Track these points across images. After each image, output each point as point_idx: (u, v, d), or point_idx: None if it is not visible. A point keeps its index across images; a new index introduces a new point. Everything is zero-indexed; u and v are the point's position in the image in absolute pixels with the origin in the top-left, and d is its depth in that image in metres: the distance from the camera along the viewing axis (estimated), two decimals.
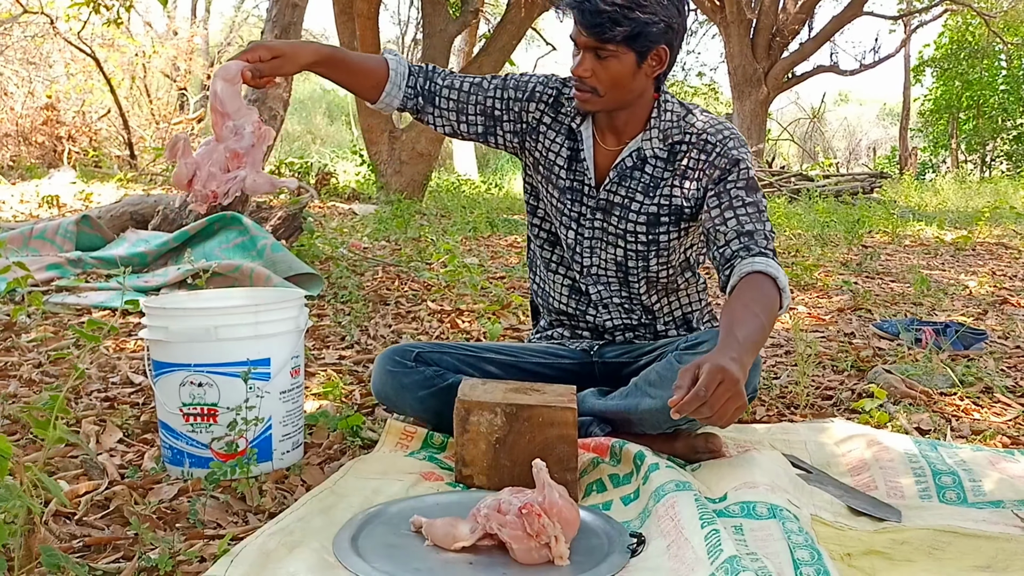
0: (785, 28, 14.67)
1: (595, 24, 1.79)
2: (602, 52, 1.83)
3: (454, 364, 2.08)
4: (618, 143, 2.02)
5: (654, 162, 1.99)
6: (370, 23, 8.64)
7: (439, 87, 2.05)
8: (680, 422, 1.87)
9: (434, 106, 2.05)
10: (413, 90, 2.04)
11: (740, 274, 1.81)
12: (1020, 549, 1.52)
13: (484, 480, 1.79)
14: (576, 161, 2.05)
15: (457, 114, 2.06)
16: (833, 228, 7.19)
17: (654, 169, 2.00)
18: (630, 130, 2.00)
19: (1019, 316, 3.89)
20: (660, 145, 1.98)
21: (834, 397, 2.60)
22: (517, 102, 2.06)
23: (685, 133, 1.98)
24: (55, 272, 3.85)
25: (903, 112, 23.10)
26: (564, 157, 2.06)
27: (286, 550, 1.43)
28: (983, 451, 2.01)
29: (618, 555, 1.46)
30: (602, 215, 2.04)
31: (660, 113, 1.98)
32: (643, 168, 2.00)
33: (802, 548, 1.42)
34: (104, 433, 2.09)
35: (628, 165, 2.00)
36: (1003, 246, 6.97)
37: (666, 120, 1.98)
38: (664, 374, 1.88)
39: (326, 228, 6.00)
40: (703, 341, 1.89)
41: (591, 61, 1.85)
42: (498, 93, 2.06)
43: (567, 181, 2.06)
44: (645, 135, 1.99)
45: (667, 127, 1.98)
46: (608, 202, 2.03)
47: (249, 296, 2.29)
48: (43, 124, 11.21)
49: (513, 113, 2.07)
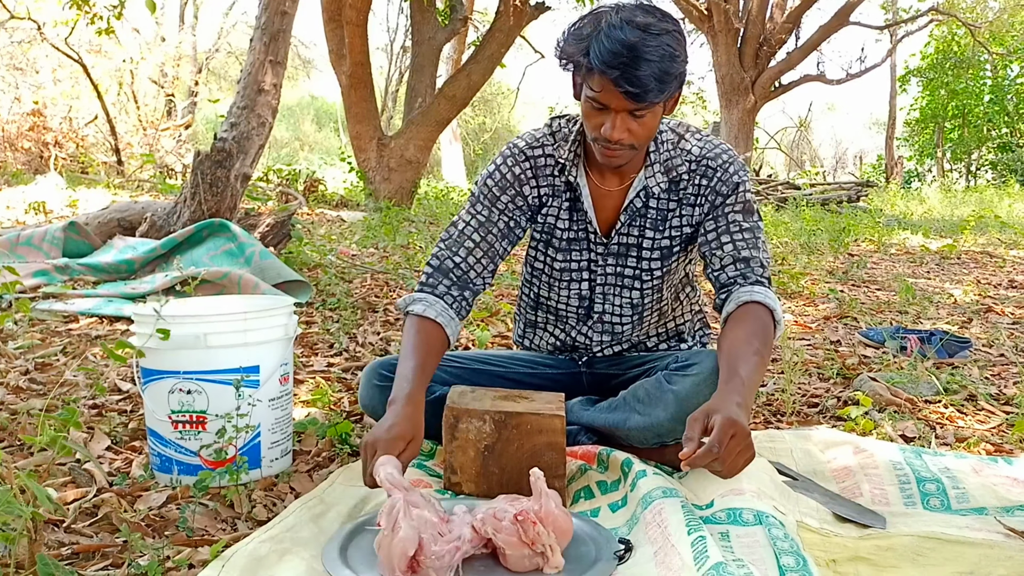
0: (772, 37, 14.77)
1: (643, 93, 1.69)
2: (639, 112, 1.75)
3: (441, 376, 2.07)
4: (620, 183, 1.98)
5: (659, 195, 1.97)
6: (359, 31, 8.66)
7: (474, 279, 1.97)
8: (666, 439, 1.88)
9: (484, 285, 2.00)
10: (466, 306, 1.97)
11: (737, 302, 1.82)
12: (1003, 555, 1.54)
13: (473, 487, 1.80)
14: (576, 211, 2.01)
15: (492, 260, 1.98)
16: (819, 236, 7.24)
17: (658, 203, 1.97)
18: (631, 168, 1.95)
19: (1003, 324, 3.93)
20: (663, 179, 1.95)
21: (820, 405, 2.62)
22: (512, 200, 1.99)
23: (684, 161, 1.95)
24: (42, 279, 3.84)
25: (889, 121, 23.26)
26: (564, 210, 2.01)
27: (276, 557, 1.43)
28: (967, 458, 2.03)
29: (606, 562, 1.47)
30: (614, 260, 2.02)
31: (657, 146, 1.95)
32: (648, 204, 1.98)
33: (788, 554, 1.43)
34: (92, 440, 2.08)
35: (638, 206, 1.97)
36: (988, 255, 7.03)
37: (664, 151, 1.95)
38: (653, 392, 1.89)
39: (314, 235, 6.00)
40: (693, 363, 1.88)
41: (627, 122, 1.76)
42: (496, 214, 1.98)
43: (570, 233, 2.02)
44: (648, 171, 1.95)
45: (666, 158, 1.95)
46: (622, 245, 2.01)
47: (238, 303, 2.29)
48: (30, 130, 11.17)
49: (517, 210, 2.00)
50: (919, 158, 25.54)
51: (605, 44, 1.68)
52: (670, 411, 1.84)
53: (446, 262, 1.96)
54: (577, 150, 1.98)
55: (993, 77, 23.35)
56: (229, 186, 4.50)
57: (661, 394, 1.86)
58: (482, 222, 1.98)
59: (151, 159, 9.29)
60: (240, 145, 4.55)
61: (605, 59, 1.68)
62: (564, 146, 1.98)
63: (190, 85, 16.62)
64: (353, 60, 8.74)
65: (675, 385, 1.85)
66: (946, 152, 24.42)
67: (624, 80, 1.68)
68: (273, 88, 4.73)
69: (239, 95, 4.71)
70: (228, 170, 4.49)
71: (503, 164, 2.01)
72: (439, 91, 9.33)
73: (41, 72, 11.93)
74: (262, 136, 4.69)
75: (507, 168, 2.00)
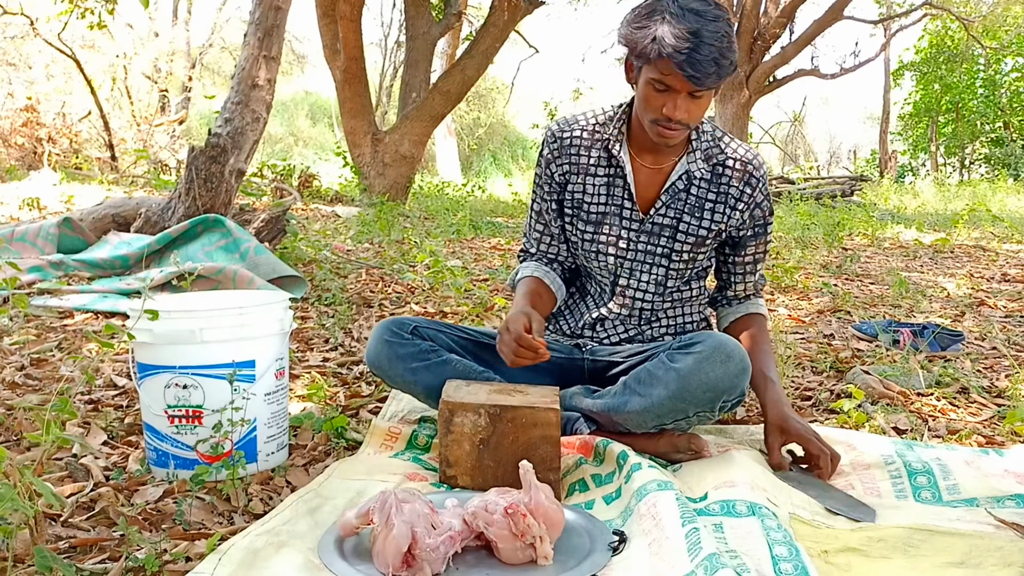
0: (766, 32, 14.76)
1: (707, 75, 1.81)
2: (698, 93, 1.87)
3: (448, 343, 2.13)
4: (656, 162, 2.07)
5: (699, 183, 2.06)
6: (353, 25, 8.64)
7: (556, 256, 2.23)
8: (665, 420, 1.90)
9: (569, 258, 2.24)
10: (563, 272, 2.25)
11: (747, 311, 2.22)
12: (993, 546, 1.55)
13: (468, 480, 1.81)
14: (614, 186, 2.09)
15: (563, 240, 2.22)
16: (813, 231, 7.25)
17: (699, 190, 2.06)
18: (674, 152, 2.05)
19: (996, 318, 3.95)
20: (705, 166, 2.05)
21: (813, 398, 2.63)
22: (549, 182, 2.17)
23: (725, 156, 2.06)
24: (37, 275, 3.84)
25: (883, 116, 23.30)
26: (600, 185, 2.11)
27: (273, 550, 1.44)
28: (958, 450, 2.05)
29: (600, 553, 1.48)
30: (647, 237, 2.10)
31: (698, 134, 2.05)
32: (689, 189, 2.06)
33: (780, 545, 1.45)
34: (88, 435, 2.09)
35: (680, 187, 2.06)
36: (981, 248, 7.05)
37: (705, 141, 2.06)
38: (655, 372, 1.90)
39: (309, 230, 6.00)
40: (696, 342, 1.90)
41: (687, 103, 1.87)
42: (546, 199, 2.18)
43: (604, 207, 2.11)
44: (690, 157, 2.05)
45: (707, 147, 2.06)
46: (658, 224, 2.08)
47: (234, 298, 2.30)
48: (23, 126, 11.13)
49: (556, 191, 2.17)
50: (913, 152, 25.59)
51: (669, 30, 1.79)
52: (671, 389, 1.85)
53: (529, 247, 2.26)
54: (622, 128, 2.08)
55: (986, 71, 23.39)
56: (224, 181, 4.50)
57: (663, 373, 1.88)
58: (539, 211, 2.22)
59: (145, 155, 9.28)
60: (235, 140, 4.55)
61: (672, 44, 1.78)
62: (610, 124, 2.10)
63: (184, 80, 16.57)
64: (347, 55, 8.73)
65: (677, 363, 1.86)
66: (940, 146, 24.46)
67: (688, 64, 1.79)
68: (267, 83, 4.73)
69: (233, 90, 4.71)
70: (223, 165, 4.49)
71: (542, 148, 2.19)
72: (433, 86, 9.33)
73: (34, 68, 11.89)
74: (256, 131, 4.69)
75: (542, 153, 2.18)
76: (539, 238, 2.23)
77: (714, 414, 1.90)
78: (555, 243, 2.22)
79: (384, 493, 1.47)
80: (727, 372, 1.83)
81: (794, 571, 1.38)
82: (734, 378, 1.84)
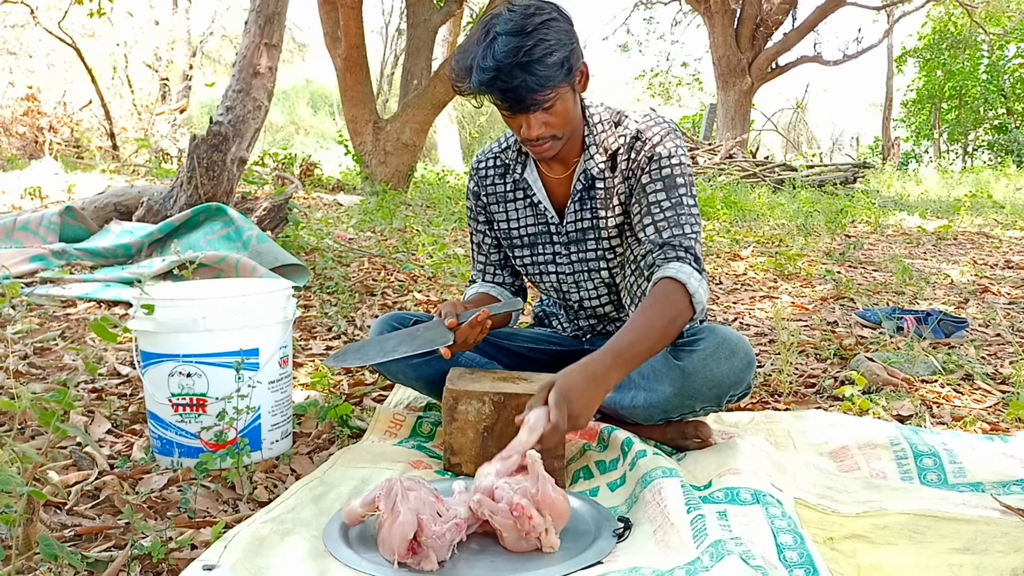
0: (769, 18, 14.72)
1: (523, 104, 1.76)
2: (546, 105, 1.79)
3: None
4: (565, 169, 2.02)
5: (603, 176, 1.98)
6: (354, 13, 8.60)
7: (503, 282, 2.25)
8: (672, 414, 1.89)
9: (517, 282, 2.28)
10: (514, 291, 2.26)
11: (653, 281, 1.81)
12: (999, 532, 1.55)
13: (472, 468, 1.80)
14: (533, 206, 2.08)
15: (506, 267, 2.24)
16: (816, 218, 7.24)
17: (605, 182, 1.99)
18: (571, 153, 1.99)
19: (999, 304, 3.94)
20: (603, 159, 1.97)
21: (817, 385, 2.63)
22: (482, 211, 2.18)
23: (619, 137, 1.97)
24: (39, 264, 3.83)
25: (886, 102, 23.21)
26: (522, 209, 2.10)
27: (278, 537, 1.45)
28: (963, 437, 2.04)
29: (605, 540, 1.48)
30: (574, 247, 2.06)
31: (591, 128, 1.98)
32: (595, 186, 2.00)
33: (785, 532, 1.45)
34: (93, 424, 2.09)
35: (579, 188, 2.00)
36: (984, 235, 7.04)
37: (600, 132, 1.98)
38: (659, 368, 1.89)
39: (311, 219, 5.99)
40: (699, 338, 1.87)
41: (540, 117, 1.81)
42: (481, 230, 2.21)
43: (533, 228, 2.10)
44: (585, 155, 1.98)
45: (602, 139, 1.97)
46: (578, 230, 2.04)
47: (237, 286, 2.29)
48: (24, 115, 11.11)
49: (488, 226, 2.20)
50: (916, 139, 25.53)
51: (478, 66, 1.75)
52: (676, 386, 1.85)
53: (475, 277, 2.27)
54: (520, 148, 2.07)
55: (990, 57, 23.31)
56: (225, 170, 4.49)
57: (668, 370, 1.86)
58: (477, 243, 2.24)
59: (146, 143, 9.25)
60: (236, 129, 4.54)
61: (481, 80, 1.75)
62: (510, 150, 2.09)
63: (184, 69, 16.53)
64: (348, 43, 8.70)
65: (681, 360, 1.85)
66: (943, 133, 24.40)
67: (501, 94, 1.75)
68: (269, 71, 4.71)
69: (235, 78, 4.69)
70: (224, 154, 4.48)
71: (468, 182, 2.21)
72: (435, 74, 9.29)
73: (35, 56, 11.86)
74: (258, 119, 4.68)
75: (470, 186, 2.20)
76: (483, 269, 2.25)
77: (720, 407, 1.89)
78: (499, 271, 2.24)
79: (389, 480, 1.47)
80: (732, 368, 1.82)
81: (799, 559, 1.38)
82: (739, 373, 1.83)
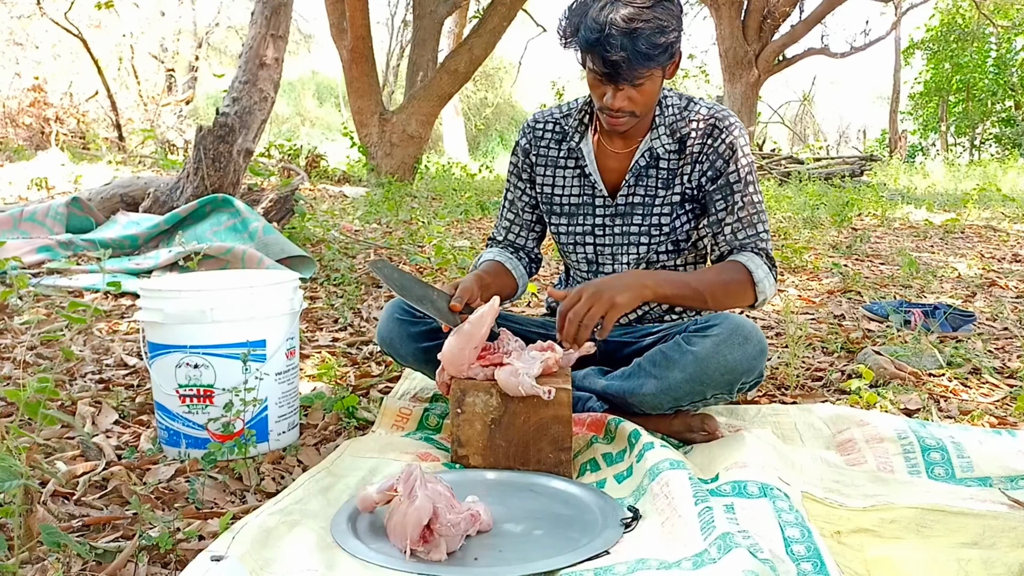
0: (776, 10, 14.64)
1: (616, 73, 1.81)
2: (638, 81, 1.85)
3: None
4: (627, 146, 2.07)
5: (667, 156, 2.05)
6: (360, 4, 8.59)
7: (523, 246, 2.27)
8: (683, 402, 1.89)
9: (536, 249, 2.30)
10: (527, 261, 2.28)
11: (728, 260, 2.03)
12: (1007, 526, 1.54)
13: (480, 460, 1.81)
14: (583, 176, 2.11)
15: (531, 230, 2.26)
16: (823, 211, 7.22)
17: (668, 163, 2.05)
18: (637, 131, 2.04)
19: (1007, 298, 3.93)
20: (669, 140, 2.04)
21: (824, 378, 2.62)
22: (525, 170, 2.20)
23: (690, 121, 2.03)
24: (46, 254, 3.84)
25: (893, 95, 23.12)
26: (570, 177, 2.13)
27: (286, 528, 1.45)
28: (971, 431, 2.04)
29: (613, 530, 1.48)
30: (620, 220, 2.09)
31: (662, 110, 2.04)
32: (657, 165, 2.05)
33: (792, 526, 1.44)
34: (100, 414, 2.09)
35: (642, 165, 2.05)
36: (991, 229, 7.01)
37: (669, 115, 2.04)
38: (670, 355, 1.88)
39: (317, 211, 5.99)
40: (713, 324, 1.88)
41: (627, 91, 1.87)
42: (519, 189, 2.22)
43: (577, 198, 2.13)
44: (653, 134, 2.03)
45: (671, 121, 2.04)
46: (627, 205, 2.08)
47: (244, 278, 2.29)
48: (30, 106, 11.11)
49: (530, 185, 2.21)
50: (923, 132, 25.42)
51: (587, 25, 1.80)
52: (687, 372, 1.85)
53: (497, 235, 2.28)
54: (583, 119, 2.10)
55: (998, 50, 23.20)
56: (232, 161, 4.49)
57: (679, 356, 1.86)
58: (511, 199, 2.24)
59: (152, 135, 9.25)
60: (242, 120, 4.54)
61: (587, 39, 1.80)
62: (571, 117, 2.12)
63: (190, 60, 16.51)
64: (354, 34, 8.68)
65: (694, 346, 1.85)
66: (950, 126, 24.31)
67: (601, 59, 1.80)
68: (275, 62, 4.71)
69: (241, 69, 4.69)
70: (231, 145, 4.48)
71: (519, 138, 2.22)
72: (441, 65, 9.28)
73: (41, 47, 11.86)
74: (264, 111, 4.67)
75: (520, 142, 2.20)
76: (508, 227, 2.26)
77: (732, 395, 1.89)
78: (523, 232, 2.25)
79: (410, 466, 1.47)
80: (745, 354, 1.82)
81: (806, 552, 1.38)
82: (752, 360, 1.83)
